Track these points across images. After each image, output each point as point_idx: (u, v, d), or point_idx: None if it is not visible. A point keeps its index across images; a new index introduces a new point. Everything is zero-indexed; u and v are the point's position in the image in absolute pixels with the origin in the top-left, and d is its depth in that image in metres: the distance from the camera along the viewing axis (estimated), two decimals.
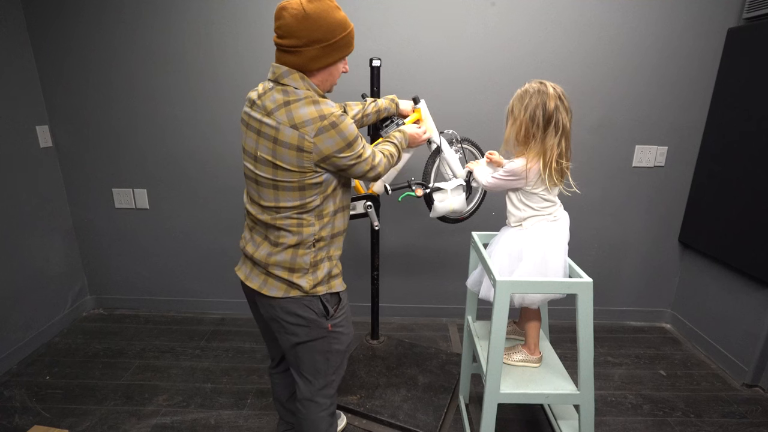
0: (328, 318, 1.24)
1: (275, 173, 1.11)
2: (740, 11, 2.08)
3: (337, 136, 1.09)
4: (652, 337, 2.44)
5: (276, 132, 1.08)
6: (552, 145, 1.32)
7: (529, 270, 1.37)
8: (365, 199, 1.77)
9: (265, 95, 1.12)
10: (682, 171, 2.33)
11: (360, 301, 2.53)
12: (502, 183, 1.43)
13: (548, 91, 1.31)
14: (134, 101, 2.31)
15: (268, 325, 1.32)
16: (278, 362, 1.46)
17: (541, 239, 1.40)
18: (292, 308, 1.20)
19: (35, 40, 2.23)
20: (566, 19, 2.12)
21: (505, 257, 1.43)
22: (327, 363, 1.28)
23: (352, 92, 2.07)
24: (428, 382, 1.96)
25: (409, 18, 2.14)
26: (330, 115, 1.08)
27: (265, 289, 1.20)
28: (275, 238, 1.17)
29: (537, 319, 1.52)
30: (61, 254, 2.46)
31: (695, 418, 1.84)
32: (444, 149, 1.75)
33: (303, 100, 1.08)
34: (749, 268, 1.97)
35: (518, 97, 1.36)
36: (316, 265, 1.21)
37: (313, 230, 1.18)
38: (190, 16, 2.17)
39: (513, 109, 1.38)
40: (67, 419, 1.79)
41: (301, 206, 1.15)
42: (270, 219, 1.17)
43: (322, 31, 1.08)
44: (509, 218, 1.49)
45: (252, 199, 1.21)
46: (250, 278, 1.23)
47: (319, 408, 1.31)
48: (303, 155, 1.08)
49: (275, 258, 1.17)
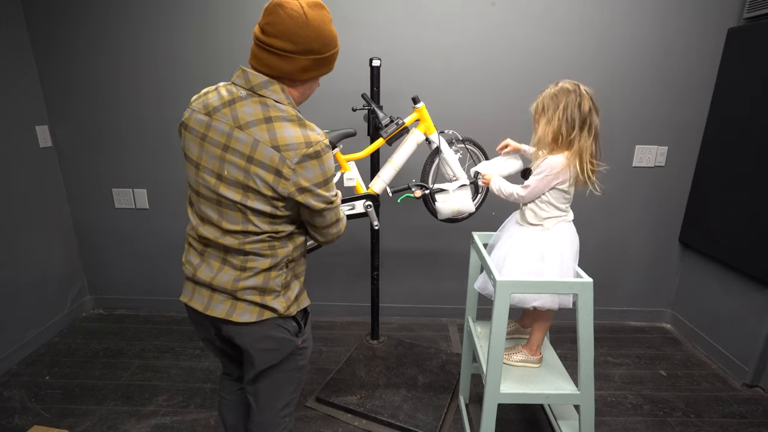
0: (299, 335, 1.16)
1: (245, 197, 0.99)
2: (740, 11, 2.08)
3: (318, 168, 0.99)
4: (652, 337, 2.44)
5: (252, 150, 0.95)
6: (588, 145, 1.32)
7: (554, 272, 1.36)
8: (365, 198, 1.76)
9: (236, 104, 0.98)
10: (682, 171, 2.33)
11: (360, 301, 2.54)
12: (543, 184, 1.37)
13: (582, 92, 1.31)
14: (134, 101, 2.31)
15: (224, 347, 1.21)
16: (237, 378, 1.33)
17: (563, 240, 1.39)
18: (265, 331, 1.09)
19: (35, 40, 2.23)
20: (567, 19, 2.12)
21: (527, 259, 1.40)
22: (290, 381, 1.20)
23: (352, 92, 2.07)
24: (428, 382, 1.96)
25: (409, 18, 2.14)
26: (317, 144, 0.98)
27: (235, 316, 1.06)
28: (241, 262, 1.04)
29: (547, 320, 1.50)
30: (61, 254, 2.46)
31: (695, 418, 1.84)
32: (443, 149, 1.74)
33: (287, 120, 0.98)
34: (749, 268, 1.96)
35: (551, 96, 1.33)
36: (287, 285, 1.11)
37: (287, 251, 1.08)
38: (192, 17, 2.17)
39: (545, 108, 1.34)
40: (67, 419, 1.79)
41: (274, 232, 1.04)
42: (237, 243, 1.03)
43: (319, 42, 0.98)
44: (526, 217, 1.44)
45: (207, 220, 1.05)
46: (211, 307, 1.07)
47: (278, 429, 1.22)
48: (280, 181, 0.97)
49: (244, 283, 1.05)
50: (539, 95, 1.38)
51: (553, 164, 1.34)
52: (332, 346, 2.32)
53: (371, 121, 1.81)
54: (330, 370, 2.09)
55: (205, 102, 1.02)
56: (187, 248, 1.14)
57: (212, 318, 1.09)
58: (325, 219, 1.09)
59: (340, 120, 2.08)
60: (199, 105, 1.03)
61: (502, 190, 1.49)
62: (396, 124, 1.72)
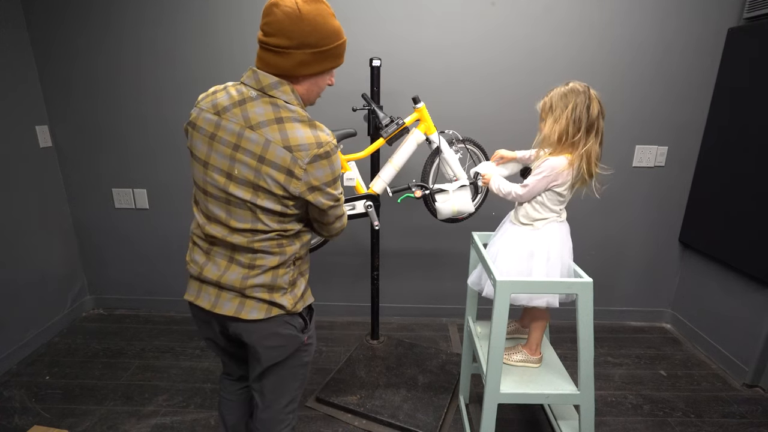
0: (305, 331, 1.17)
1: (255, 195, 1.00)
2: (740, 11, 2.08)
3: (328, 167, 1.01)
4: (652, 337, 2.44)
5: (264, 150, 0.97)
6: (596, 149, 1.33)
7: (541, 270, 1.36)
8: (365, 198, 1.77)
9: (246, 105, 0.99)
10: (682, 171, 2.33)
11: (360, 301, 2.54)
12: (542, 185, 1.37)
13: (591, 95, 1.31)
14: (135, 101, 2.31)
15: (228, 346, 1.22)
16: (238, 378, 1.34)
17: (553, 240, 1.40)
18: (273, 328, 1.11)
19: (35, 40, 2.23)
20: (566, 19, 2.12)
21: (516, 256, 1.41)
22: (295, 377, 1.21)
23: (352, 92, 2.07)
24: (428, 382, 1.96)
25: (410, 18, 2.14)
26: (326, 144, 1.00)
27: (244, 313, 1.07)
28: (250, 260, 1.06)
29: (544, 319, 1.50)
30: (61, 254, 2.46)
31: (695, 418, 1.84)
32: (443, 149, 1.74)
33: (298, 120, 0.99)
34: (749, 268, 1.96)
35: (560, 95, 1.33)
36: (294, 283, 1.13)
37: (295, 249, 1.10)
38: (192, 16, 2.17)
39: (553, 107, 1.34)
40: (67, 419, 1.79)
41: (282, 230, 1.06)
42: (245, 242, 1.04)
43: (316, 36, 0.98)
44: (519, 216, 1.46)
45: (214, 218, 1.05)
46: (219, 305, 1.08)
47: (283, 425, 1.23)
48: (292, 180, 0.98)
49: (253, 281, 1.06)
50: (548, 94, 1.37)
51: (554, 165, 1.34)
52: (332, 346, 2.32)
53: (371, 121, 1.81)
54: (330, 370, 2.09)
55: (214, 101, 1.03)
56: (191, 247, 1.15)
57: (219, 316, 1.09)
58: (332, 216, 1.11)
59: (340, 120, 2.08)
60: (208, 104, 1.03)
61: (500, 189, 1.50)
62: (396, 124, 1.72)
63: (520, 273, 1.39)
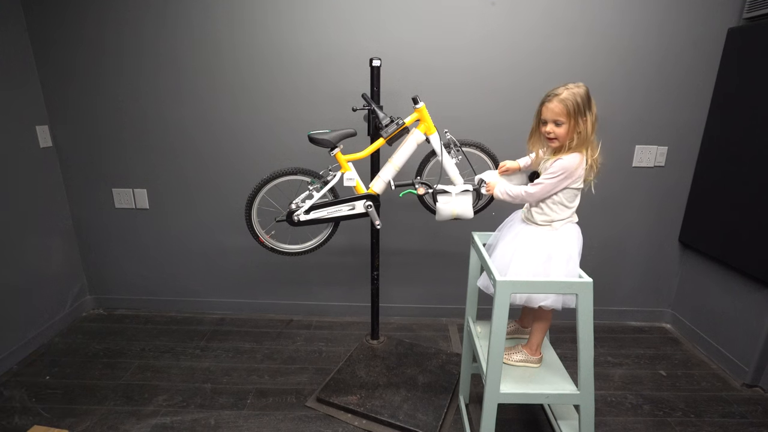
0: None
1: None
2: (740, 11, 2.08)
3: None
4: (652, 337, 2.44)
5: None
6: (596, 144, 1.38)
7: (560, 273, 1.36)
8: (365, 198, 1.77)
9: None
10: (682, 171, 2.33)
11: (360, 301, 2.54)
12: (553, 186, 1.37)
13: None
14: (134, 101, 2.31)
15: None
16: None
17: (571, 241, 1.40)
18: None
19: (35, 40, 2.23)
20: (566, 20, 2.12)
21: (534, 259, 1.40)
22: None
23: (352, 92, 2.07)
24: (428, 382, 1.96)
25: (410, 18, 2.14)
26: None
27: None
28: None
29: (547, 320, 1.50)
30: (61, 254, 2.46)
31: (695, 418, 1.84)
32: (439, 154, 1.74)
33: None
34: (749, 268, 1.96)
35: (584, 96, 1.33)
36: None
37: None
38: (192, 17, 2.17)
39: (581, 109, 1.32)
40: (67, 419, 1.79)
41: None
42: None
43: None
44: (535, 217, 1.44)
45: None
46: None
47: None
48: None
49: None
50: (566, 95, 1.32)
51: (568, 165, 1.34)
52: (332, 346, 2.32)
53: (371, 121, 1.81)
54: (330, 370, 2.09)
55: None
56: None
57: None
58: None
59: (340, 120, 2.08)
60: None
61: (508, 193, 1.48)
62: (396, 124, 1.72)
63: (537, 276, 1.37)
